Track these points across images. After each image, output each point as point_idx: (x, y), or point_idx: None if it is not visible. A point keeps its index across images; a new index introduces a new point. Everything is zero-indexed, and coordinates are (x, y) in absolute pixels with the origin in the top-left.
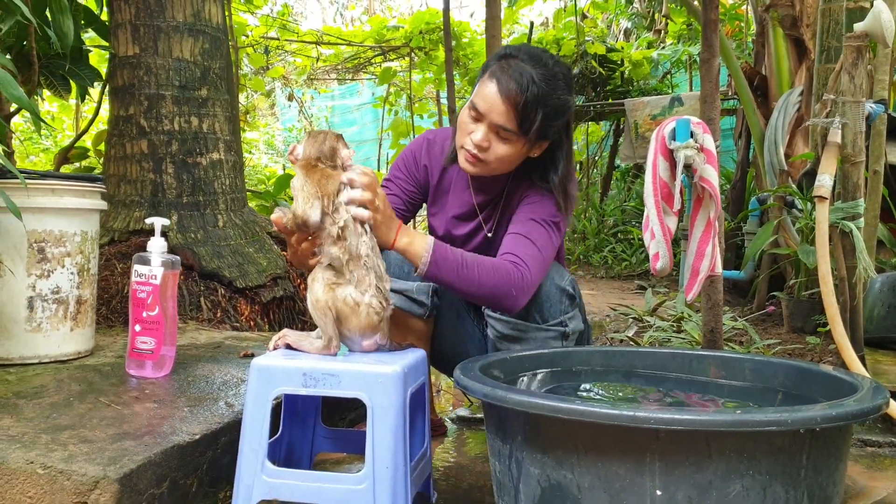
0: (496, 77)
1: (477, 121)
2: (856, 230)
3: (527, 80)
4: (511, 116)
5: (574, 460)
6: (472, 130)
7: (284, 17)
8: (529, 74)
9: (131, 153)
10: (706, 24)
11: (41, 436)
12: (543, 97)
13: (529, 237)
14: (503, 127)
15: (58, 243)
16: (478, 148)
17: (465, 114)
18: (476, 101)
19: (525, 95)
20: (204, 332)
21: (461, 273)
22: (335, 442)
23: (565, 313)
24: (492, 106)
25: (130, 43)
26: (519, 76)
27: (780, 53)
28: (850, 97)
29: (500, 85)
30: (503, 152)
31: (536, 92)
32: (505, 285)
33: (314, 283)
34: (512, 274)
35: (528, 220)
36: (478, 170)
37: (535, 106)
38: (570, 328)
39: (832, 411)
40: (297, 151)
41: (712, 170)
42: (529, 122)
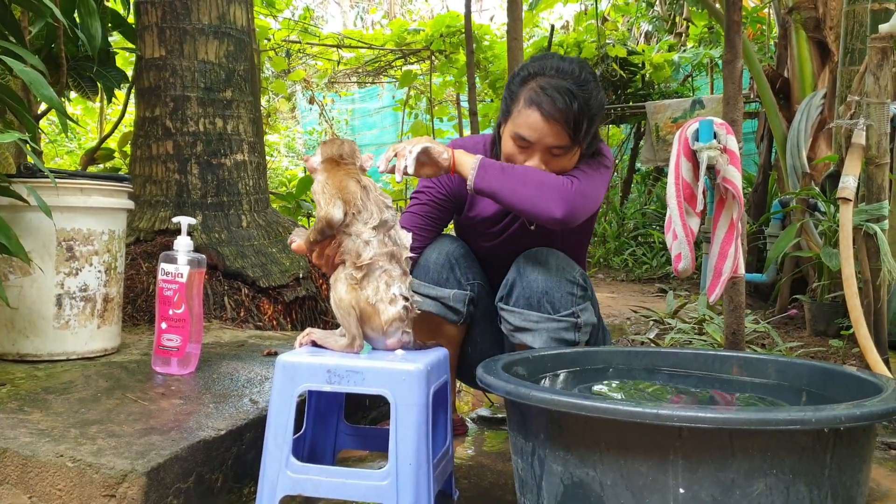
0: (536, 103)
1: (526, 149)
2: (880, 232)
3: (568, 98)
4: (563, 135)
5: (597, 458)
6: (523, 159)
7: (306, 21)
8: (567, 90)
9: (157, 154)
10: (729, 26)
11: (70, 430)
12: (586, 106)
13: (580, 168)
14: (558, 146)
15: (86, 242)
16: None
17: (510, 145)
18: (521, 132)
19: (572, 112)
20: (228, 330)
21: (505, 174)
22: (358, 439)
23: (577, 305)
24: (542, 133)
25: (157, 45)
26: (558, 96)
27: (803, 56)
28: (874, 98)
29: (544, 110)
30: (561, 165)
31: (580, 104)
32: (547, 190)
33: (337, 282)
34: (558, 183)
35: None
36: None
37: (582, 116)
38: (581, 319)
39: (856, 411)
40: (313, 161)
41: (735, 171)
42: (581, 133)
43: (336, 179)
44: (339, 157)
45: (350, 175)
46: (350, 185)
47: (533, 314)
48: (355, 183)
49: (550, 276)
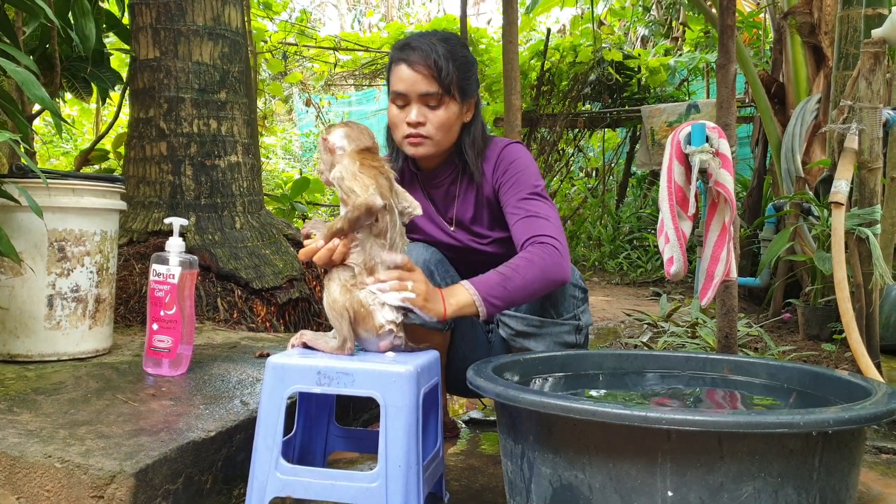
0: (402, 59)
1: (404, 106)
2: (872, 236)
3: (428, 45)
4: (431, 79)
5: (585, 460)
6: (404, 117)
7: (303, 23)
8: (428, 40)
9: (151, 155)
10: (723, 30)
11: (59, 431)
12: (449, 53)
13: (533, 213)
14: (429, 93)
15: (78, 242)
16: (416, 126)
17: (392, 110)
18: (395, 88)
19: (433, 56)
20: (220, 332)
21: (510, 287)
22: (349, 441)
23: (578, 307)
24: (410, 80)
25: (151, 46)
26: (420, 46)
27: (798, 61)
28: (867, 103)
29: (410, 59)
30: (439, 119)
31: (441, 50)
32: (548, 266)
33: (331, 283)
34: (547, 253)
35: (520, 200)
36: (426, 148)
37: (446, 61)
38: (583, 322)
39: (845, 414)
40: (334, 140)
41: (727, 174)
42: (448, 78)
43: (368, 170)
44: (367, 150)
45: (381, 171)
46: (381, 180)
47: (536, 318)
48: (385, 179)
49: None
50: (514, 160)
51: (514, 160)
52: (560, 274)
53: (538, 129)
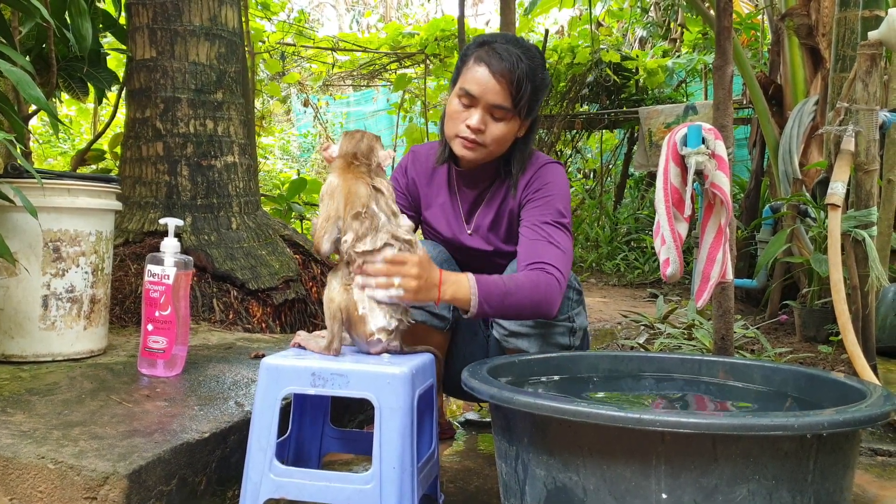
0: (485, 61)
1: (470, 106)
2: (868, 238)
3: (515, 59)
4: (506, 94)
5: (580, 462)
6: (466, 117)
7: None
8: (515, 53)
9: (147, 155)
10: (720, 32)
11: (52, 432)
12: (531, 73)
13: (550, 240)
14: (499, 106)
15: (73, 243)
16: (475, 132)
17: (456, 103)
18: (467, 86)
19: (517, 72)
20: (216, 333)
21: (506, 302)
22: (344, 443)
23: (572, 309)
24: (486, 87)
25: (147, 46)
26: (507, 55)
27: (796, 63)
28: (863, 105)
29: (492, 66)
30: (499, 132)
31: (525, 68)
32: (544, 297)
33: (332, 281)
34: (548, 284)
35: (541, 223)
36: (476, 154)
37: (525, 81)
38: (576, 324)
39: (839, 417)
40: (332, 150)
41: (723, 176)
42: (522, 98)
43: (348, 184)
44: (352, 157)
45: (360, 178)
46: (360, 189)
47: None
48: (365, 187)
49: None
50: (550, 182)
51: (550, 182)
52: (549, 309)
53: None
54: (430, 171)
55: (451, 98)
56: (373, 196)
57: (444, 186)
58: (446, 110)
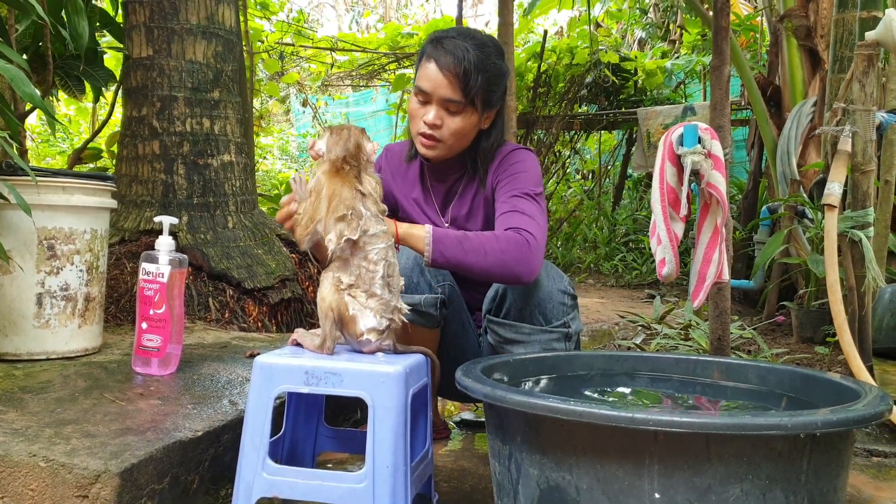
0: (433, 57)
1: (425, 103)
2: (865, 239)
3: (462, 51)
4: (456, 86)
5: (573, 462)
6: (423, 114)
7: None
8: (463, 45)
9: (143, 154)
10: (717, 32)
11: (45, 430)
12: (480, 63)
13: (518, 209)
14: (451, 99)
15: (67, 241)
16: (432, 127)
17: (413, 102)
18: (420, 84)
19: (463, 64)
20: (211, 332)
21: (465, 245)
22: (338, 441)
23: (567, 314)
24: (436, 82)
25: (144, 45)
26: (454, 48)
27: (794, 64)
28: (860, 105)
29: (440, 61)
30: (455, 126)
31: (473, 59)
32: (513, 250)
33: (324, 280)
34: (516, 239)
35: (510, 197)
36: (437, 151)
37: (475, 72)
38: (572, 329)
39: (833, 416)
40: (319, 147)
41: (720, 176)
42: (473, 89)
43: (333, 187)
44: (342, 161)
45: (346, 182)
46: (344, 192)
47: (525, 326)
48: (350, 190)
49: (543, 287)
50: (517, 162)
51: (517, 162)
52: (521, 267)
53: (535, 131)
54: (403, 168)
55: (410, 98)
56: (358, 198)
57: (416, 182)
58: (409, 109)
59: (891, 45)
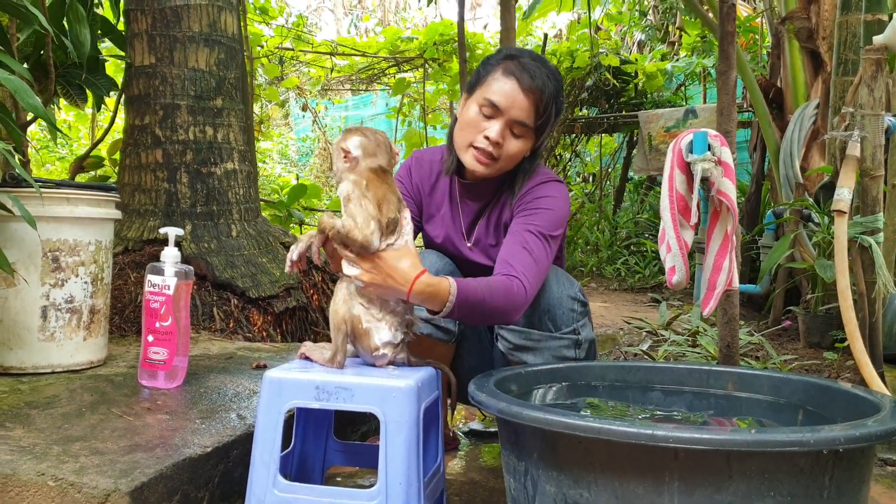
0: (514, 75)
1: (491, 118)
2: (875, 245)
3: (545, 78)
4: (531, 111)
5: (591, 479)
6: (484, 128)
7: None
8: (545, 72)
9: (146, 162)
10: (723, 36)
11: (52, 447)
12: (556, 94)
13: (527, 248)
14: (522, 122)
15: (72, 252)
16: (494, 145)
17: (475, 111)
18: (492, 97)
19: (546, 92)
20: (216, 342)
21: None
22: (348, 455)
23: (577, 321)
24: (514, 101)
25: (146, 53)
26: (537, 73)
27: (796, 66)
28: (869, 110)
29: (522, 82)
30: (514, 149)
31: (552, 89)
32: (511, 306)
33: (338, 292)
34: (512, 293)
35: (525, 230)
36: (489, 170)
37: (551, 102)
38: (582, 336)
39: (855, 432)
40: (355, 152)
41: (730, 183)
42: (545, 118)
43: (379, 192)
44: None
45: (393, 189)
46: (392, 199)
47: (534, 332)
48: (396, 199)
49: (552, 293)
50: (547, 196)
51: (547, 196)
52: (510, 318)
53: None
54: (432, 180)
55: (467, 106)
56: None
57: (445, 196)
58: (461, 118)
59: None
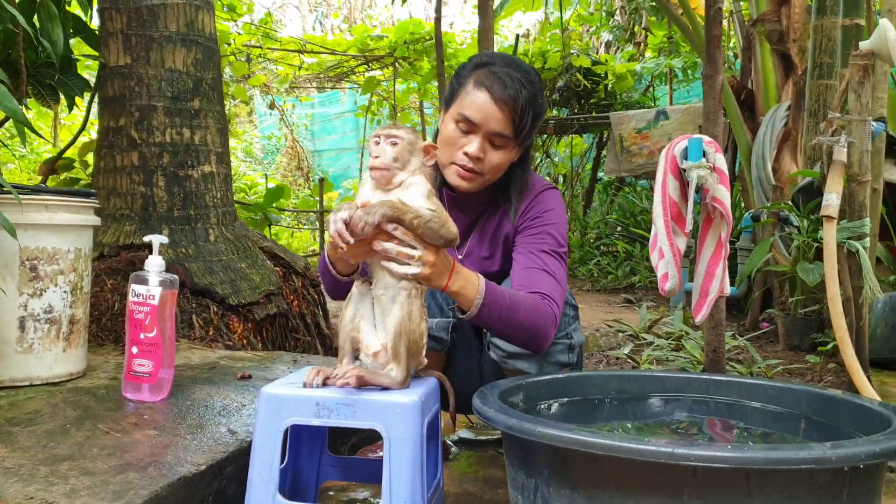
0: (485, 85)
1: (468, 133)
2: (862, 250)
3: (517, 84)
4: (508, 122)
5: (606, 498)
6: (463, 144)
7: (268, 26)
8: (517, 78)
9: (121, 165)
10: (709, 41)
11: (39, 468)
12: (532, 100)
13: (546, 268)
14: (500, 134)
15: (51, 261)
16: (474, 160)
17: (452, 129)
18: (467, 112)
19: (520, 100)
20: (197, 350)
21: (507, 317)
22: (342, 470)
23: (570, 325)
24: (488, 115)
25: (122, 53)
26: (509, 81)
27: (767, 68)
28: (856, 116)
29: (493, 93)
30: (497, 160)
31: (527, 95)
32: (544, 326)
33: (349, 304)
34: (548, 313)
35: (538, 251)
36: (474, 184)
37: (527, 108)
38: (574, 340)
39: (875, 447)
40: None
41: (724, 190)
42: (523, 126)
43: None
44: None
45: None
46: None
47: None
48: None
49: None
50: (549, 210)
51: (549, 210)
52: (543, 341)
53: None
54: None
55: (445, 122)
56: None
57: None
58: (441, 135)
59: (886, 56)
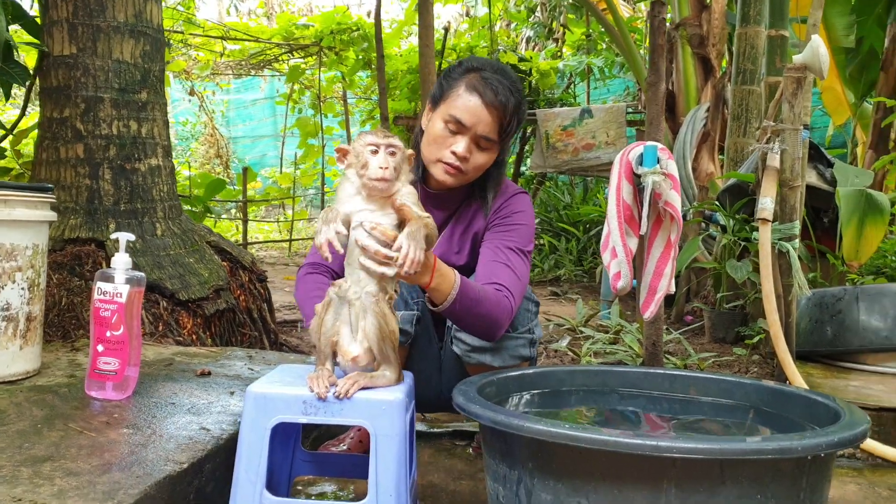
0: (478, 90)
1: (457, 133)
2: (792, 250)
3: (506, 91)
4: (496, 126)
5: (590, 488)
6: (451, 143)
7: (190, 12)
8: (506, 85)
9: (66, 157)
10: (653, 49)
11: (21, 469)
12: (518, 106)
13: (510, 265)
14: (487, 137)
15: (9, 258)
16: (461, 159)
17: (441, 128)
18: (457, 114)
19: (509, 106)
20: (149, 346)
21: (474, 310)
22: (314, 465)
23: (531, 321)
24: (479, 118)
25: (67, 42)
26: (500, 88)
27: (688, 71)
28: (789, 125)
29: (485, 98)
30: (481, 161)
31: (514, 102)
32: (501, 317)
33: (328, 309)
34: (506, 306)
35: (504, 247)
36: (458, 181)
37: (514, 115)
38: (536, 335)
39: (834, 437)
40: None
41: (676, 195)
42: (509, 131)
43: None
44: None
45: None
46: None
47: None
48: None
49: None
50: (519, 212)
51: (519, 212)
52: (497, 331)
53: None
54: None
55: (433, 121)
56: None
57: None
58: (427, 132)
59: (816, 69)
